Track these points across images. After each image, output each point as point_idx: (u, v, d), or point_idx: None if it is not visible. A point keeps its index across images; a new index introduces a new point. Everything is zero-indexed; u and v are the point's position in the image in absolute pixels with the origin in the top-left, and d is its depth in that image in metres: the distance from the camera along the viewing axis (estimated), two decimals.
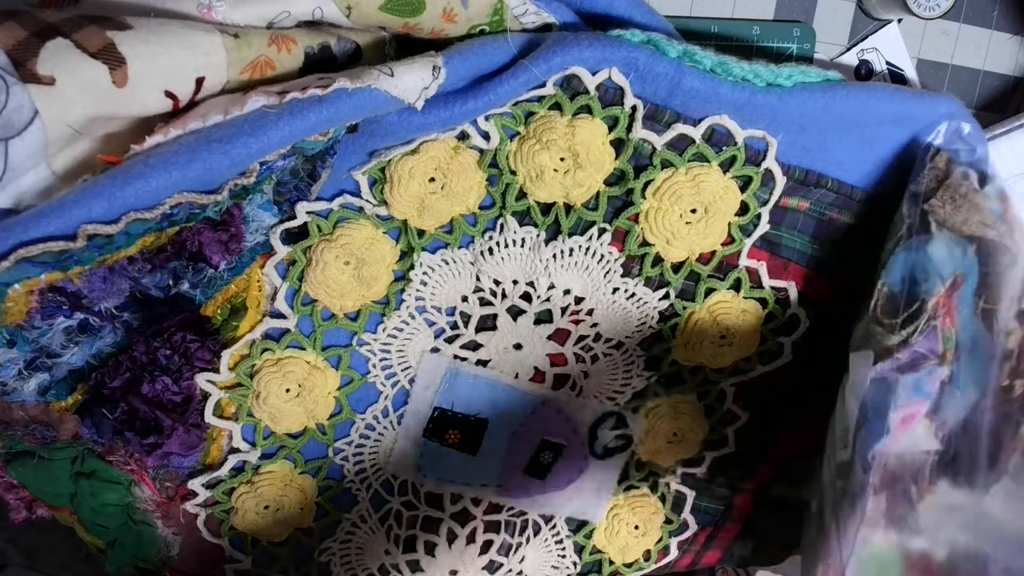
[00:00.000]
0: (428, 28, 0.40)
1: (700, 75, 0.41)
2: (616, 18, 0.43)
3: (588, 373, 0.49)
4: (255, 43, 0.36)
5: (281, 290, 0.43)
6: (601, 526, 0.55)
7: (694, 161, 0.44)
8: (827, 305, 0.49)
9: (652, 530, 0.55)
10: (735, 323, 0.48)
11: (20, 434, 0.39)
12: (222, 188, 0.35)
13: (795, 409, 0.53)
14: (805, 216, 0.47)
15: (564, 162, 0.42)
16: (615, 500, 0.54)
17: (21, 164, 0.32)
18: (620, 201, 0.45)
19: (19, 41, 0.30)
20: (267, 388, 0.44)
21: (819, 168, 0.46)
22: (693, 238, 0.45)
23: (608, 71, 0.41)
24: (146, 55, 0.32)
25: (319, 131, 0.36)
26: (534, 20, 0.42)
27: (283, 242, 0.42)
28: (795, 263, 0.48)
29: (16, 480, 0.41)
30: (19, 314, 0.34)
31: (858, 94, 0.44)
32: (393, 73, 0.36)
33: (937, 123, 0.46)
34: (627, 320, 0.48)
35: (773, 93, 0.43)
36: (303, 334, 0.45)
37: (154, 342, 0.40)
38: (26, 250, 0.31)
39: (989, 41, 0.55)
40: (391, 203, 0.42)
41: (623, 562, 0.56)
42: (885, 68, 0.53)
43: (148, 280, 0.37)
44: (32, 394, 0.38)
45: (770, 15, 0.51)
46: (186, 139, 0.33)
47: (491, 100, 0.39)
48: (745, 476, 0.55)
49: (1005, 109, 0.57)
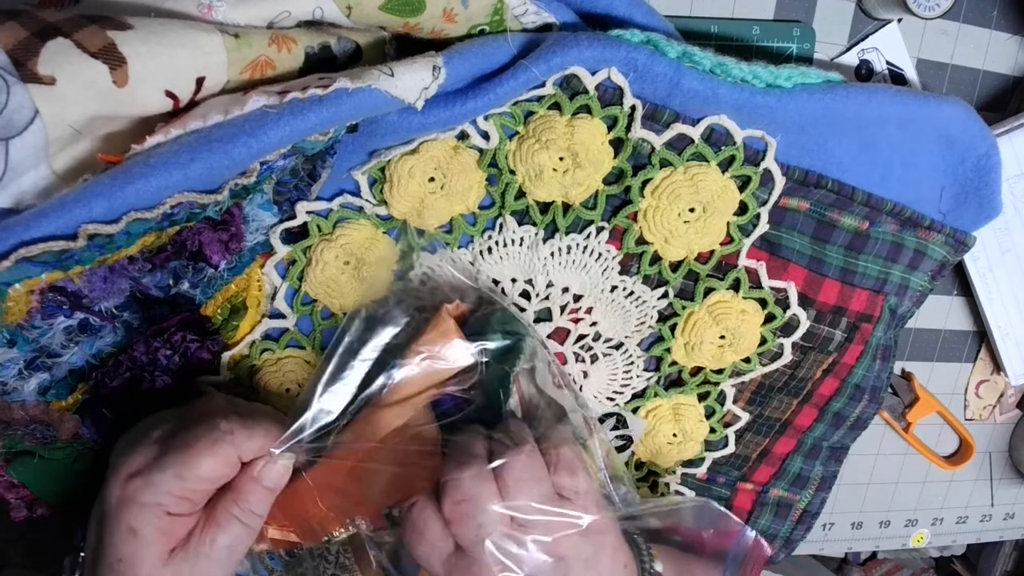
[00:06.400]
0: (428, 28, 0.40)
1: (699, 76, 0.41)
2: (616, 18, 0.43)
3: (588, 373, 0.49)
4: (255, 43, 0.36)
5: (281, 290, 0.43)
6: None
7: (693, 160, 0.44)
8: (827, 306, 0.49)
9: None
10: (734, 323, 0.48)
11: (20, 434, 0.39)
12: (222, 188, 0.35)
13: (795, 409, 0.53)
14: (805, 216, 0.47)
15: (563, 161, 0.42)
16: None
17: (22, 164, 0.32)
18: (618, 200, 0.45)
19: (20, 41, 0.30)
20: (267, 388, 0.44)
21: (819, 169, 0.46)
22: (691, 237, 0.45)
23: (607, 71, 0.41)
24: (147, 55, 0.32)
25: (319, 131, 0.36)
26: (534, 20, 0.42)
27: (283, 242, 0.42)
28: (795, 264, 0.48)
29: (16, 480, 0.41)
30: (19, 314, 0.34)
31: (859, 95, 0.44)
32: (393, 73, 0.36)
33: (944, 126, 0.46)
34: (626, 319, 0.48)
35: (772, 94, 0.43)
36: (303, 334, 0.45)
37: (154, 342, 0.40)
38: (26, 250, 0.31)
39: (989, 41, 0.55)
40: (391, 203, 0.42)
41: None
42: (885, 68, 0.53)
43: (148, 280, 0.37)
44: (32, 394, 0.38)
45: (770, 15, 0.51)
46: (187, 139, 0.33)
47: (491, 100, 0.39)
48: (745, 476, 0.55)
49: (1005, 109, 0.57)
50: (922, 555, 0.86)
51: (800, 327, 0.49)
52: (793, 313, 0.49)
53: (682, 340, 0.48)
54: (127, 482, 0.35)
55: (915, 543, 0.69)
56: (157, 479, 0.35)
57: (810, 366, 0.51)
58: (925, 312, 0.60)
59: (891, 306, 0.52)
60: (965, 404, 0.65)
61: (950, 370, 0.63)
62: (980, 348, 0.63)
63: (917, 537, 0.69)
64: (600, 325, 0.48)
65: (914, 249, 0.50)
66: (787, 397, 0.52)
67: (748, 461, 0.54)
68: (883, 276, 0.50)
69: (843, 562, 0.83)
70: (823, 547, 0.67)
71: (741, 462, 0.54)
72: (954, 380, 0.64)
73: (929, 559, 0.87)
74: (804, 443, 0.55)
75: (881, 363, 0.53)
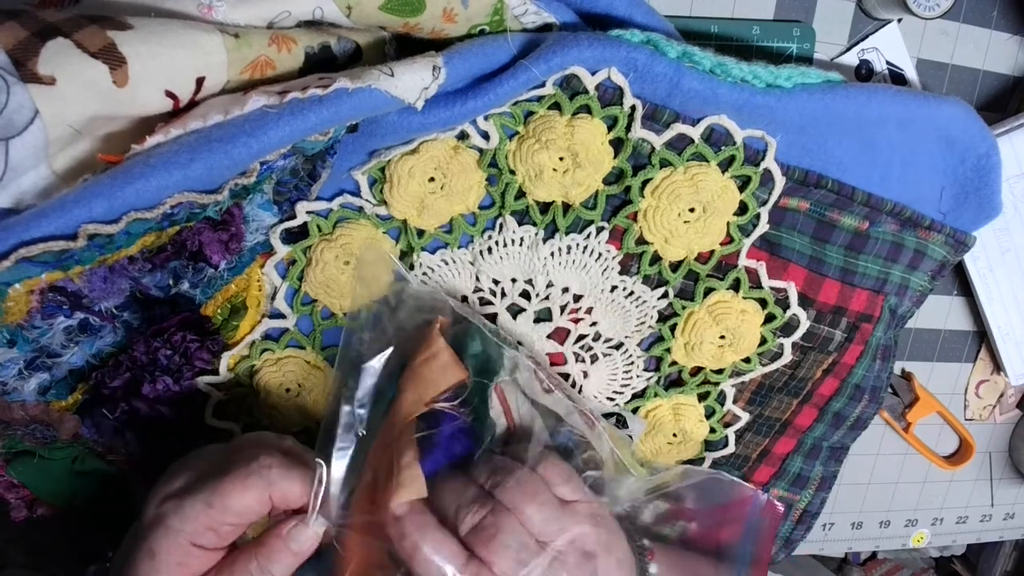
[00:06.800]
0: (428, 28, 0.40)
1: (699, 76, 0.41)
2: (616, 18, 0.43)
3: (588, 373, 0.49)
4: (255, 43, 0.36)
5: (281, 290, 0.43)
6: None
7: (693, 160, 0.44)
8: (827, 306, 0.49)
9: None
10: (734, 323, 0.48)
11: (20, 434, 0.39)
12: (223, 188, 0.35)
13: (795, 409, 0.53)
14: (805, 217, 0.47)
15: (563, 161, 0.42)
16: None
17: (22, 164, 0.32)
18: (618, 200, 0.45)
19: (20, 41, 0.30)
20: (267, 388, 0.44)
21: (819, 169, 0.46)
22: (691, 237, 0.45)
23: (607, 71, 0.41)
24: (147, 55, 0.32)
25: (319, 131, 0.36)
26: (534, 20, 0.42)
27: (283, 242, 0.42)
28: (795, 264, 0.48)
29: (16, 479, 0.41)
30: (19, 314, 0.34)
31: (859, 95, 0.44)
32: (393, 73, 0.36)
33: (944, 126, 0.46)
34: (626, 319, 0.48)
35: (772, 94, 0.43)
36: (303, 333, 0.45)
37: (154, 342, 0.40)
38: (27, 250, 0.31)
39: (989, 41, 0.55)
40: (391, 203, 0.42)
41: None
42: (885, 68, 0.53)
43: (148, 280, 0.37)
44: (32, 394, 0.38)
45: (770, 15, 0.51)
46: (187, 139, 0.33)
47: (491, 100, 0.39)
48: (745, 476, 0.55)
49: (1005, 109, 0.57)
50: (922, 555, 0.86)
51: (800, 327, 0.49)
52: (793, 313, 0.49)
53: (682, 340, 0.48)
54: (162, 503, 0.34)
55: (915, 543, 0.69)
56: (188, 504, 0.34)
57: (810, 366, 0.51)
58: (925, 312, 0.60)
59: (891, 306, 0.52)
60: (965, 404, 0.65)
61: (950, 370, 0.63)
62: (980, 348, 0.63)
63: (917, 537, 0.69)
64: (600, 325, 0.48)
65: (914, 249, 0.50)
66: (787, 397, 0.52)
67: (748, 461, 0.54)
68: (883, 276, 0.50)
69: (843, 562, 0.83)
70: (823, 547, 0.67)
71: (741, 462, 0.54)
72: (954, 380, 0.64)
73: (929, 559, 0.87)
74: (804, 443, 0.55)
75: (881, 363, 0.53)
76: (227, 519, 0.34)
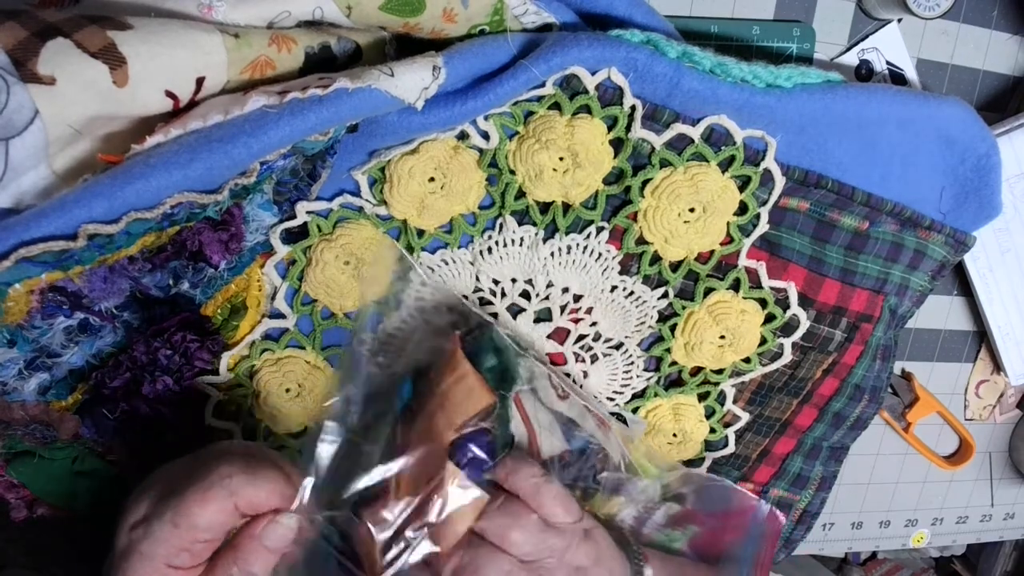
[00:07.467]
0: (428, 28, 0.40)
1: (699, 76, 0.41)
2: (616, 18, 0.43)
3: (588, 373, 0.49)
4: (255, 43, 0.36)
5: (281, 290, 0.43)
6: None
7: (693, 160, 0.44)
8: (827, 306, 0.49)
9: None
10: (734, 323, 0.48)
11: (20, 434, 0.39)
12: (223, 188, 0.35)
13: (795, 409, 0.53)
14: (805, 217, 0.47)
15: (563, 161, 0.42)
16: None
17: (22, 164, 0.32)
18: (618, 200, 0.45)
19: (20, 41, 0.30)
20: (267, 388, 0.44)
21: (819, 169, 0.46)
22: (691, 237, 0.45)
23: (607, 71, 0.41)
24: (147, 55, 0.32)
25: (319, 131, 0.36)
26: (534, 20, 0.42)
27: (283, 242, 0.42)
28: (795, 264, 0.48)
29: (16, 479, 0.41)
30: (19, 314, 0.34)
31: (859, 95, 0.44)
32: (393, 73, 0.36)
33: (944, 126, 0.46)
34: (626, 319, 0.48)
35: (772, 94, 0.43)
36: (303, 333, 0.45)
37: (154, 342, 0.40)
38: (27, 250, 0.31)
39: (989, 41, 0.55)
40: (391, 203, 0.42)
41: None
42: (885, 68, 0.53)
43: (148, 280, 0.37)
44: (32, 394, 0.38)
45: (770, 15, 0.51)
46: (187, 139, 0.33)
47: (491, 100, 0.39)
48: (745, 476, 0.55)
49: (1005, 109, 0.57)
50: (922, 555, 0.86)
51: (800, 327, 0.49)
52: (793, 313, 0.49)
53: (682, 340, 0.48)
54: (131, 530, 0.33)
55: (915, 543, 0.69)
56: (156, 527, 0.32)
57: (810, 366, 0.51)
58: (925, 312, 0.60)
59: (891, 306, 0.52)
60: (965, 404, 0.65)
61: (950, 370, 0.63)
62: (980, 348, 0.63)
63: (917, 537, 0.69)
64: (600, 325, 0.48)
65: (914, 249, 0.50)
66: (787, 397, 0.52)
67: (748, 461, 0.54)
68: (883, 276, 0.50)
69: (843, 562, 0.83)
70: (823, 547, 0.67)
71: (741, 462, 0.54)
72: (954, 380, 0.64)
73: (929, 559, 0.87)
74: (804, 443, 0.55)
75: (881, 363, 0.53)
76: (197, 536, 0.33)
